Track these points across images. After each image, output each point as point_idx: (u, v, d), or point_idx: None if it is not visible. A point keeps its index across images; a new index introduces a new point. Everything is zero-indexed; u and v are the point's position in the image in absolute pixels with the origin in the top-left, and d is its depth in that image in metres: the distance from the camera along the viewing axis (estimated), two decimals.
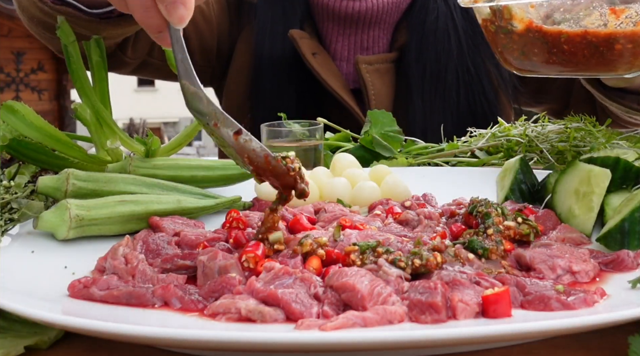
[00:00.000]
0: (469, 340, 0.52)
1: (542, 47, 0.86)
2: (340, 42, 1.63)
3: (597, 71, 0.87)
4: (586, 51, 0.83)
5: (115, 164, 0.96)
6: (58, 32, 0.92)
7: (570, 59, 0.86)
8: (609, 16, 0.79)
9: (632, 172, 0.86)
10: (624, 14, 0.78)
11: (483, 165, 1.17)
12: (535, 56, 0.87)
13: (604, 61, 0.84)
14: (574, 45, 0.83)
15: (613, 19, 0.79)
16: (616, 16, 0.79)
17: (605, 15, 0.79)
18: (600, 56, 0.83)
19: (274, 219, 0.75)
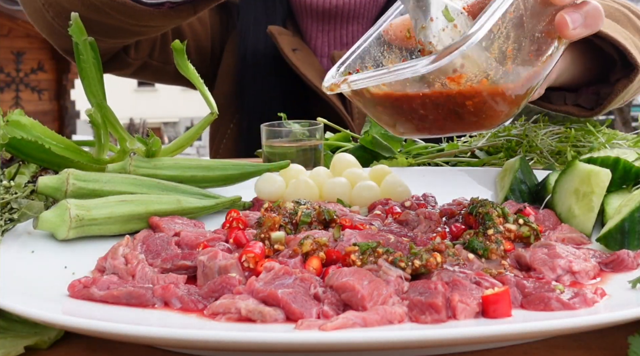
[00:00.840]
0: (469, 340, 0.52)
1: (404, 115, 0.78)
2: (320, 39, 1.64)
3: (467, 128, 0.78)
4: (441, 112, 0.75)
5: (115, 164, 0.96)
6: (70, 29, 0.92)
7: (433, 123, 0.78)
8: (450, 85, 0.72)
9: (632, 173, 0.86)
10: (462, 79, 0.72)
11: (483, 165, 1.17)
12: (403, 126, 0.80)
13: (464, 119, 0.77)
14: (428, 109, 0.75)
15: (455, 86, 0.72)
16: (457, 83, 0.72)
17: (447, 85, 0.72)
18: (458, 116, 0.76)
19: (274, 219, 0.75)
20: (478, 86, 0.72)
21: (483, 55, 0.70)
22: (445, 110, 0.74)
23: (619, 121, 12.17)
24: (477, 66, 0.70)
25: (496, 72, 0.71)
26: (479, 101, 0.73)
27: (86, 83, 0.95)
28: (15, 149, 0.90)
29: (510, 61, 0.72)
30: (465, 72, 0.70)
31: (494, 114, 0.75)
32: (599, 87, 1.16)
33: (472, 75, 0.71)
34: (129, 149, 0.97)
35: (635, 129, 1.25)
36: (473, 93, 0.72)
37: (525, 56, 0.74)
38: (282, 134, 1.17)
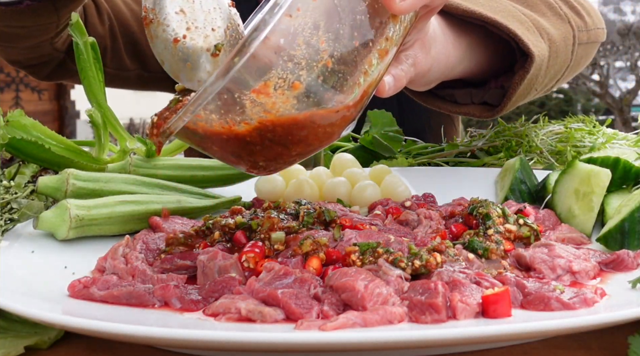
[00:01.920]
0: (469, 340, 0.52)
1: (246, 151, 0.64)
2: None
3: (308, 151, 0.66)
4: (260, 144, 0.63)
5: (115, 164, 0.96)
6: (70, 28, 0.92)
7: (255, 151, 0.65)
8: (258, 98, 0.58)
9: (632, 173, 0.86)
10: (269, 88, 0.58)
11: (483, 165, 1.17)
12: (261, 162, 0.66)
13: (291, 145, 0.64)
14: (258, 144, 0.63)
15: (266, 99, 0.59)
16: (266, 95, 0.58)
17: (255, 99, 0.59)
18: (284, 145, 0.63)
19: (274, 220, 0.75)
20: (297, 114, 0.60)
21: (284, 54, 0.58)
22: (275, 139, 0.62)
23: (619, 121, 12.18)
24: (281, 68, 0.58)
25: (310, 70, 0.59)
26: (306, 123, 0.61)
27: (86, 83, 0.95)
28: (15, 149, 0.90)
29: (326, 54, 0.59)
30: (270, 78, 0.58)
31: (328, 128, 0.63)
32: (505, 79, 1.07)
33: (279, 80, 0.58)
34: (129, 149, 0.97)
35: (635, 129, 1.24)
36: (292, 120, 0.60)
37: (347, 45, 0.60)
38: None
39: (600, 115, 14.45)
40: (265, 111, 0.59)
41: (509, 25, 0.97)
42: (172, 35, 0.63)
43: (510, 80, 1.03)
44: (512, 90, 1.01)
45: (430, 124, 1.55)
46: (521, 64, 1.01)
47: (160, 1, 0.63)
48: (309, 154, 0.67)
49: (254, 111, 0.59)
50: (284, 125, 0.61)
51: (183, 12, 0.63)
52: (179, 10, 0.63)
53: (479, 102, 1.09)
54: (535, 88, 1.06)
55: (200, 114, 0.60)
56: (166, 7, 0.63)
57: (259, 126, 0.61)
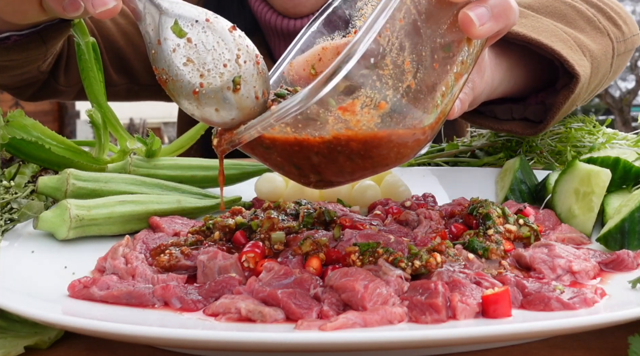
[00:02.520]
0: (469, 340, 0.52)
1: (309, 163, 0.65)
2: None
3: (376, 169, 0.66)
4: (341, 159, 0.63)
5: (115, 164, 0.96)
6: (73, 29, 0.92)
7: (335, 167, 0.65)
8: (344, 116, 0.59)
9: (632, 173, 0.86)
10: (356, 106, 0.59)
11: (483, 165, 1.17)
12: (317, 176, 0.67)
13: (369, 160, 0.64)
14: (325, 157, 0.63)
15: (350, 117, 0.59)
16: (351, 112, 0.59)
17: (341, 118, 0.60)
18: (362, 159, 0.64)
19: (274, 220, 0.75)
20: (379, 131, 0.61)
21: (373, 73, 0.59)
22: (347, 154, 0.63)
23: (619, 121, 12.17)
24: (370, 87, 0.59)
25: (395, 90, 0.60)
26: (384, 141, 0.62)
27: (87, 83, 0.95)
28: (15, 149, 0.90)
29: (410, 76, 0.61)
30: (358, 97, 0.59)
31: (408, 145, 0.64)
32: (546, 96, 1.07)
33: (367, 99, 0.59)
34: (129, 149, 0.97)
35: (635, 129, 1.23)
36: (372, 136, 0.61)
37: (429, 67, 0.62)
38: None
39: (600, 115, 14.44)
40: (348, 128, 0.60)
41: (553, 46, 0.97)
42: (190, 89, 0.63)
43: (551, 96, 1.04)
44: (555, 108, 1.01)
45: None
46: (564, 82, 1.01)
47: (166, 59, 0.63)
48: (371, 175, 0.67)
49: (336, 127, 0.60)
50: (360, 141, 0.62)
51: (191, 61, 0.62)
52: (186, 60, 0.62)
53: (519, 118, 1.08)
54: (576, 103, 1.06)
55: (274, 127, 0.61)
56: (173, 62, 0.62)
57: (332, 140, 0.62)
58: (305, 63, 0.76)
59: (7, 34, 1.08)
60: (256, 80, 0.64)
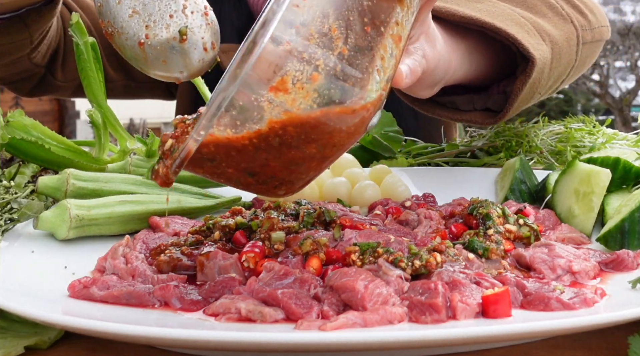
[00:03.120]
0: (469, 340, 0.52)
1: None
2: None
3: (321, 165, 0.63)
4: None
5: (115, 164, 0.96)
6: (71, 28, 0.92)
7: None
8: (276, 97, 0.55)
9: (632, 173, 0.86)
10: (287, 82, 0.55)
11: (483, 165, 1.17)
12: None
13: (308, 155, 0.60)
14: (269, 152, 0.59)
15: (285, 97, 0.55)
16: (284, 91, 0.55)
17: (273, 98, 0.55)
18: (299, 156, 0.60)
19: (274, 220, 0.75)
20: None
21: (297, 45, 0.55)
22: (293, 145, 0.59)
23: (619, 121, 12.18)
24: (297, 60, 0.55)
25: (326, 59, 0.56)
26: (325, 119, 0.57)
27: (86, 83, 0.95)
28: (15, 149, 0.90)
29: (340, 42, 0.57)
30: (287, 73, 0.55)
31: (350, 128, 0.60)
32: (507, 84, 1.04)
33: (297, 73, 0.55)
34: (129, 149, 0.97)
35: (635, 129, 1.23)
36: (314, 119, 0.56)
37: (359, 31, 0.58)
38: None
39: (600, 115, 14.44)
40: (286, 110, 0.56)
41: (507, 29, 0.95)
42: (135, 40, 0.62)
43: (511, 84, 1.01)
44: (514, 95, 0.99)
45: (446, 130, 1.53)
46: (523, 69, 0.99)
47: (111, 11, 0.62)
48: (326, 162, 0.63)
49: (274, 113, 0.57)
50: (296, 124, 0.58)
51: (136, 12, 0.62)
52: (131, 12, 0.62)
53: (481, 108, 1.06)
54: (539, 91, 1.03)
55: (213, 133, 0.57)
56: (118, 14, 0.62)
57: (268, 131, 0.58)
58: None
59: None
60: (205, 31, 0.63)
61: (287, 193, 0.66)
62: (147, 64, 0.63)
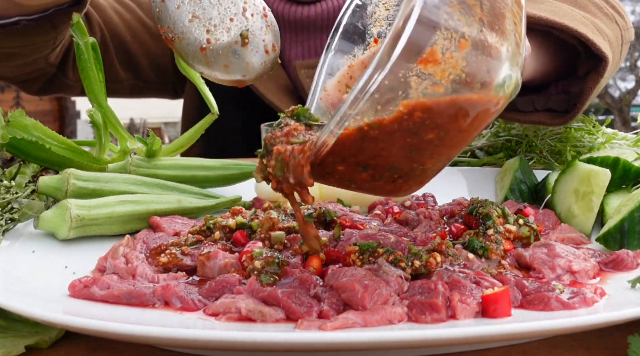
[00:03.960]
0: (469, 340, 0.52)
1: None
2: (294, 49, 1.59)
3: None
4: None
5: (116, 164, 0.96)
6: (72, 29, 0.92)
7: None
8: (426, 69, 0.53)
9: (631, 173, 0.86)
10: (437, 53, 0.53)
11: (483, 165, 1.17)
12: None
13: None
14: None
15: (434, 68, 0.53)
16: (434, 62, 0.53)
17: (422, 72, 0.53)
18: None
19: (274, 220, 0.75)
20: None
21: (442, 12, 0.53)
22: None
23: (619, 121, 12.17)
24: (444, 28, 0.54)
25: (469, 26, 0.55)
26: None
27: (87, 83, 0.95)
28: (16, 149, 0.90)
29: (478, 8, 0.56)
30: (436, 42, 0.54)
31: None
32: (569, 84, 1.05)
33: (446, 41, 0.54)
34: (129, 149, 0.97)
35: (635, 129, 1.23)
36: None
37: (494, 5, 0.57)
38: None
39: (600, 115, 14.43)
40: (434, 83, 0.55)
41: (578, 29, 0.95)
42: (197, 46, 0.62)
43: (575, 84, 1.01)
44: (585, 94, 0.99)
45: None
46: (587, 67, 0.99)
47: (171, 16, 0.61)
48: (453, 149, 0.61)
49: (421, 88, 0.55)
50: (433, 106, 0.55)
51: (196, 17, 0.61)
52: (191, 17, 0.61)
53: (541, 109, 1.07)
54: (599, 91, 1.04)
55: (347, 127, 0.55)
56: (178, 19, 0.61)
57: (404, 113, 0.55)
58: (338, 84, 0.74)
59: (17, 18, 1.07)
60: (265, 33, 0.63)
61: (407, 189, 0.64)
62: (210, 69, 0.63)
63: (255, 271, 0.64)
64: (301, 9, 1.53)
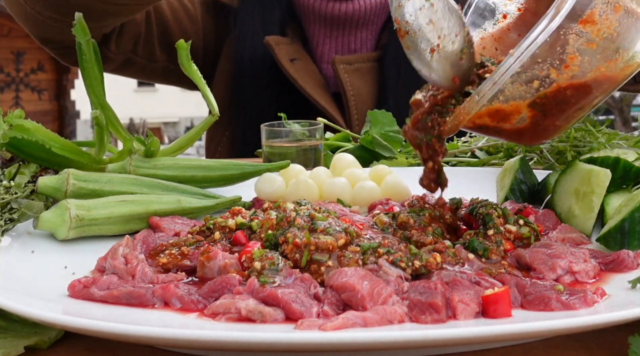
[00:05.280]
0: (469, 340, 0.52)
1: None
2: (327, 45, 1.61)
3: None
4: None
5: (115, 164, 0.96)
6: (74, 29, 0.92)
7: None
8: (585, 28, 0.65)
9: (632, 173, 0.86)
10: (595, 14, 0.65)
11: (483, 165, 1.17)
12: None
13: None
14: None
15: (591, 28, 0.65)
16: (592, 23, 0.65)
17: (581, 30, 0.66)
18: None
19: (272, 220, 0.75)
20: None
21: None
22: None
23: (619, 121, 12.17)
24: None
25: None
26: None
27: (88, 83, 0.95)
28: (16, 148, 0.90)
29: None
30: (595, 6, 0.65)
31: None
32: None
33: (603, 5, 0.65)
34: (135, 149, 0.97)
35: (635, 129, 1.23)
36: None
37: None
38: (282, 134, 1.17)
39: (600, 115, 14.43)
40: (589, 41, 0.65)
41: None
42: (428, 46, 0.72)
43: None
44: None
45: None
46: None
47: (412, 13, 0.72)
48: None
49: (576, 46, 0.65)
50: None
51: (432, 23, 0.72)
52: (429, 21, 0.72)
53: None
54: None
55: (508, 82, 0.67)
56: (419, 19, 0.72)
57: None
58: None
59: None
60: (471, 59, 0.75)
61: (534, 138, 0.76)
62: (430, 69, 0.73)
63: (255, 271, 0.64)
64: (338, 5, 1.55)
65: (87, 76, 0.95)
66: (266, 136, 1.18)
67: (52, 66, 10.86)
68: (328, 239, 0.67)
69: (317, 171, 1.00)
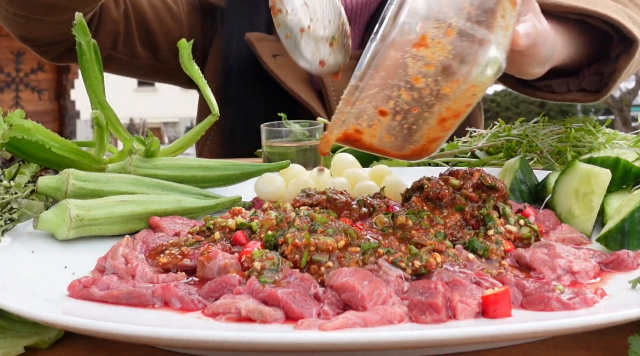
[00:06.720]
0: (469, 340, 0.52)
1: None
2: None
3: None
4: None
5: (115, 164, 0.96)
6: (74, 29, 0.92)
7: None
8: (420, 52, 0.65)
9: (632, 173, 0.86)
10: (427, 39, 0.65)
11: (483, 165, 1.17)
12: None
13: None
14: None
15: (425, 52, 0.65)
16: (425, 46, 0.65)
17: (417, 56, 0.65)
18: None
19: (272, 221, 0.75)
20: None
21: (431, 3, 0.65)
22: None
23: (619, 121, 12.17)
24: (434, 17, 0.64)
25: (458, 17, 0.65)
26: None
27: (88, 83, 0.95)
28: (16, 148, 0.90)
29: (467, 3, 0.65)
30: (426, 30, 0.64)
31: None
32: (601, 66, 1.15)
33: (434, 29, 0.64)
34: (135, 150, 0.97)
35: (635, 129, 1.24)
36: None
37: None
38: (282, 134, 1.17)
39: (600, 115, 14.44)
40: (426, 63, 0.65)
41: (611, 15, 1.05)
42: (299, 25, 0.76)
43: (608, 65, 1.12)
44: (617, 74, 1.10)
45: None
46: (618, 50, 1.10)
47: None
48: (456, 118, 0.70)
49: (415, 69, 0.66)
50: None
51: (306, 5, 0.75)
52: (303, 3, 0.75)
53: (575, 89, 1.18)
54: (631, 72, 1.15)
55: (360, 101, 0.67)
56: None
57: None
58: None
59: None
60: (347, 50, 0.79)
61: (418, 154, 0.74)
62: (298, 48, 0.77)
63: (255, 271, 0.64)
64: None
65: (87, 76, 0.95)
66: (266, 136, 1.18)
67: (52, 66, 10.86)
68: (328, 240, 0.67)
69: (317, 171, 1.00)
